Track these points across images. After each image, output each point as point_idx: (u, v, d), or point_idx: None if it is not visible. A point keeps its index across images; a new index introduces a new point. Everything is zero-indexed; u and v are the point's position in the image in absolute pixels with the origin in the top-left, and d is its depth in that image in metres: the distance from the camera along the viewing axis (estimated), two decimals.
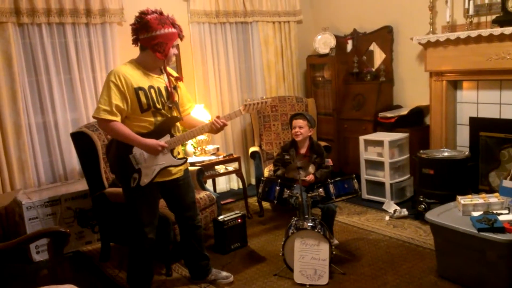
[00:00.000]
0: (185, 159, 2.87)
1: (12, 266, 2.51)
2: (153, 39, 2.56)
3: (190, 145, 4.42)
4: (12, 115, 3.91)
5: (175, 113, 2.78)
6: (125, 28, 4.45)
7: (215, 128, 2.75)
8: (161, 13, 2.61)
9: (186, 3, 4.88)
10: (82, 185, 3.91)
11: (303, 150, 3.72)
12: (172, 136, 2.72)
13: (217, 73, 5.13)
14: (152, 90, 2.65)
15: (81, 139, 3.49)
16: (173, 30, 2.61)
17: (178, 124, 2.84)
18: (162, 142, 2.66)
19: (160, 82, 2.72)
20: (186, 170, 2.94)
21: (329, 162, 3.79)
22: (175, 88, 2.78)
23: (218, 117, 2.78)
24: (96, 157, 3.47)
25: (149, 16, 2.55)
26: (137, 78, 2.61)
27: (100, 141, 3.49)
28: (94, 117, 2.60)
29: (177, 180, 2.86)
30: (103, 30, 4.33)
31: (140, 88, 2.60)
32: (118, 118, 2.57)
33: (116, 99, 2.53)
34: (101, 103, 2.54)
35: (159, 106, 2.67)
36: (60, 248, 2.36)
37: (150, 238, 2.80)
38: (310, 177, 3.51)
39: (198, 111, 4.58)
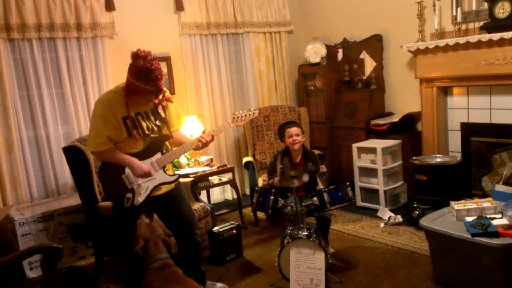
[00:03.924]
0: (177, 175, 2.89)
1: (5, 283, 2.47)
2: (128, 80, 2.59)
3: (183, 157, 4.41)
4: (3, 131, 3.89)
5: (164, 131, 2.80)
6: (116, 41, 4.47)
7: (201, 145, 2.79)
8: (149, 66, 2.49)
9: (177, 16, 4.90)
10: (75, 200, 3.88)
11: (297, 159, 3.72)
12: (162, 153, 2.76)
13: (209, 84, 5.14)
14: (139, 117, 2.70)
15: (73, 153, 3.47)
16: (146, 87, 2.53)
17: (166, 142, 2.87)
18: (150, 163, 2.71)
19: (147, 105, 2.73)
20: (178, 183, 2.94)
21: (324, 168, 3.81)
22: (162, 106, 2.80)
23: (204, 131, 2.80)
24: (88, 171, 3.45)
25: (138, 62, 2.49)
26: (123, 107, 2.64)
27: (92, 155, 3.48)
28: (91, 152, 2.67)
29: (168, 194, 2.86)
30: (94, 44, 4.33)
31: (127, 117, 2.65)
32: (111, 145, 2.66)
33: (107, 130, 2.61)
34: (94, 137, 2.61)
35: (147, 132, 2.72)
36: (54, 264, 2.35)
37: None
38: (321, 186, 3.54)
39: (190, 123, 4.58)
